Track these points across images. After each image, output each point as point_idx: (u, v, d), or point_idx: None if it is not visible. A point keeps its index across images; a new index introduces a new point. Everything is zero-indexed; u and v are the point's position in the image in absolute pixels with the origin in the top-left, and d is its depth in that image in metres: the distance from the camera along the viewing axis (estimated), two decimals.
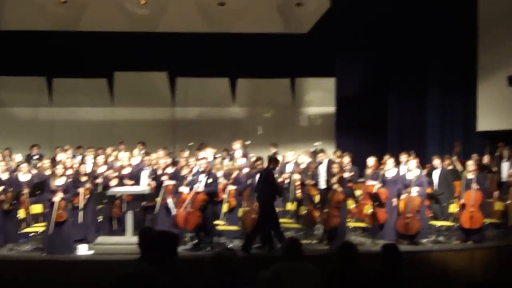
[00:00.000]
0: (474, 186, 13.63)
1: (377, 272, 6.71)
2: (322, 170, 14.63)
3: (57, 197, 12.32)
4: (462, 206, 13.73)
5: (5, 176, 13.51)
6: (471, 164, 14.09)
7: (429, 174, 14.72)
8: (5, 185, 13.20)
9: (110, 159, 15.75)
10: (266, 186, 12.55)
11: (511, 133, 15.96)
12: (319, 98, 20.56)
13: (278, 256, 6.73)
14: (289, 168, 15.17)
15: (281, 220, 13.66)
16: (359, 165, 15.34)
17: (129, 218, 12.96)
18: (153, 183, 14.02)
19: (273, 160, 13.02)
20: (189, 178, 13.37)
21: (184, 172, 13.76)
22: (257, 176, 13.06)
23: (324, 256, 11.66)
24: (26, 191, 13.30)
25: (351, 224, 14.33)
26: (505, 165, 15.46)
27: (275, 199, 12.74)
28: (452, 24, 17.66)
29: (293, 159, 15.42)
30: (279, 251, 10.83)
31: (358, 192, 14.58)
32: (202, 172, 13.30)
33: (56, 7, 16.93)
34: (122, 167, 14.70)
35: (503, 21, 16.82)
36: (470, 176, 13.88)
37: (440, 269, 12.17)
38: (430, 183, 14.38)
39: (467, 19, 17.62)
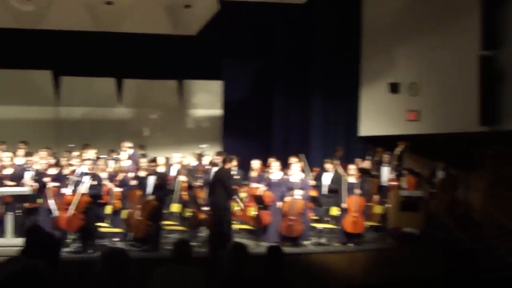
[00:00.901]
0: (357, 191, 14.04)
1: (262, 273, 6.80)
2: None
3: None
4: (344, 210, 14.10)
5: None
6: (353, 169, 14.50)
7: (317, 178, 15.02)
8: None
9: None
10: (221, 187, 12.83)
11: (391, 138, 16.48)
12: (207, 100, 20.58)
13: (167, 258, 6.65)
14: (174, 170, 15.14)
15: (165, 222, 13.70)
16: (244, 168, 15.49)
17: (9, 220, 12.62)
18: (36, 185, 13.68)
19: (227, 159, 13.16)
20: (73, 179, 13.12)
21: (66, 172, 13.51)
22: (151, 177, 13.10)
23: (208, 258, 11.72)
24: None
25: (236, 226, 14.44)
26: (385, 170, 15.97)
27: (230, 199, 13.08)
28: (337, 31, 18.10)
29: (178, 161, 15.40)
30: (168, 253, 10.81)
31: (242, 195, 14.72)
32: (86, 173, 13.09)
33: None
34: (3, 167, 14.27)
35: (386, 30, 17.38)
36: (352, 180, 14.28)
37: (321, 270, 12.46)
38: (318, 186, 14.68)
39: (351, 27, 18.11)
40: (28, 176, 13.80)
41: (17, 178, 13.84)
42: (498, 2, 14.61)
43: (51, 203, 13.13)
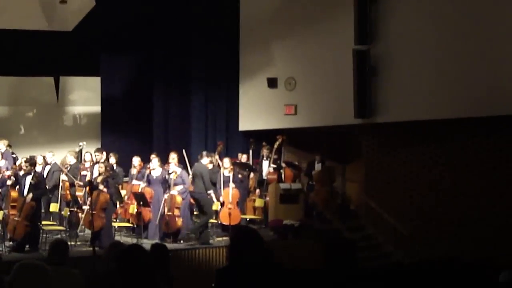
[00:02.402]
0: (231, 184, 14.27)
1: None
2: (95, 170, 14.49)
3: None
4: (222, 204, 14.28)
5: None
6: (226, 162, 14.73)
7: None
8: None
9: None
10: (201, 181, 13.50)
11: (270, 132, 16.73)
12: (84, 97, 20.23)
13: (46, 259, 6.47)
14: (52, 168, 14.82)
15: (44, 223, 13.45)
16: (124, 165, 15.36)
17: None
18: None
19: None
20: None
21: None
22: (27, 177, 12.84)
23: (88, 258, 11.56)
24: None
25: (116, 224, 14.33)
26: (265, 164, 16.21)
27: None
28: (215, 25, 18.14)
29: (53, 160, 15.07)
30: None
31: (123, 192, 14.62)
32: None
33: None
34: None
35: (263, 25, 17.57)
36: (227, 173, 14.53)
37: (202, 265, 12.55)
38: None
39: (229, 21, 18.20)
40: None
41: None
42: None
43: None
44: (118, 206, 14.05)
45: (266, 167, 16.17)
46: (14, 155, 15.77)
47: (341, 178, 16.76)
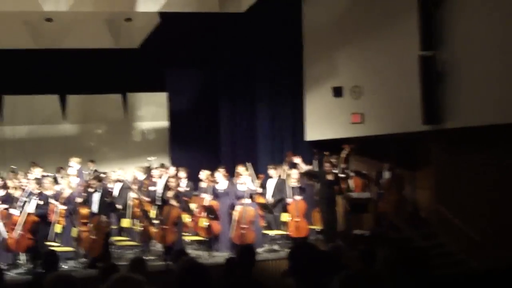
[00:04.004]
0: (297, 197, 14.20)
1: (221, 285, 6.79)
2: (160, 185, 14.65)
3: None
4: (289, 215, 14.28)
5: None
6: (294, 173, 14.66)
7: (263, 185, 15.11)
8: None
9: None
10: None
11: (337, 141, 16.63)
12: (152, 112, 20.52)
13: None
14: (118, 186, 15.01)
15: (116, 238, 13.67)
16: (193, 178, 15.50)
17: None
18: None
19: None
20: (22, 199, 13.00)
21: (17, 194, 13.37)
22: (96, 194, 13.08)
23: (161, 272, 11.68)
24: None
25: (188, 237, 14.45)
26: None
27: None
28: (278, 37, 18.17)
29: (121, 176, 15.28)
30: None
31: (193, 206, 14.74)
32: (32, 193, 12.98)
33: None
34: None
35: (327, 34, 17.52)
36: (294, 185, 14.46)
37: (276, 277, 12.49)
38: (264, 194, 14.78)
39: (292, 32, 18.20)
40: None
41: None
42: (435, 2, 14.90)
43: (0, 225, 12.98)
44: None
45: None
46: (96, 172, 16.01)
47: (411, 186, 16.54)
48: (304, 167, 15.59)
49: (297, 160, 15.58)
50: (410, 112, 15.21)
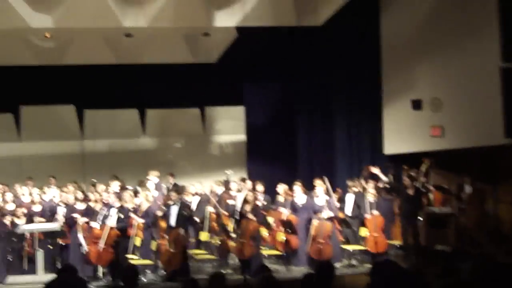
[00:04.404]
0: (374, 211, 14.01)
1: None
2: (239, 199, 14.67)
3: None
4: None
5: None
6: (371, 187, 14.47)
7: (341, 199, 14.99)
8: None
9: (24, 195, 15.29)
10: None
11: (416, 155, 16.37)
12: (229, 126, 20.64)
13: None
14: (195, 199, 15.12)
15: (195, 252, 13.75)
16: (270, 192, 15.48)
17: (40, 257, 12.71)
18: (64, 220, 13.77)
19: None
20: (102, 212, 13.23)
21: (97, 207, 13.61)
22: (174, 207, 13.20)
23: (240, 286, 11.71)
24: None
25: (265, 252, 14.43)
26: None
27: None
28: (355, 49, 18.03)
29: (197, 190, 15.39)
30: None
31: (270, 220, 14.71)
32: (113, 206, 13.19)
33: None
34: (32, 203, 14.40)
35: (405, 46, 17.31)
36: (371, 199, 14.27)
37: None
38: (341, 208, 14.65)
39: (370, 44, 18.04)
40: (60, 212, 13.88)
41: (48, 214, 13.95)
42: None
43: (80, 237, 13.23)
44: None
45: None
46: (176, 186, 16.16)
47: (493, 200, 16.15)
48: (383, 178, 15.39)
49: (375, 170, 15.38)
50: (491, 125, 14.88)
